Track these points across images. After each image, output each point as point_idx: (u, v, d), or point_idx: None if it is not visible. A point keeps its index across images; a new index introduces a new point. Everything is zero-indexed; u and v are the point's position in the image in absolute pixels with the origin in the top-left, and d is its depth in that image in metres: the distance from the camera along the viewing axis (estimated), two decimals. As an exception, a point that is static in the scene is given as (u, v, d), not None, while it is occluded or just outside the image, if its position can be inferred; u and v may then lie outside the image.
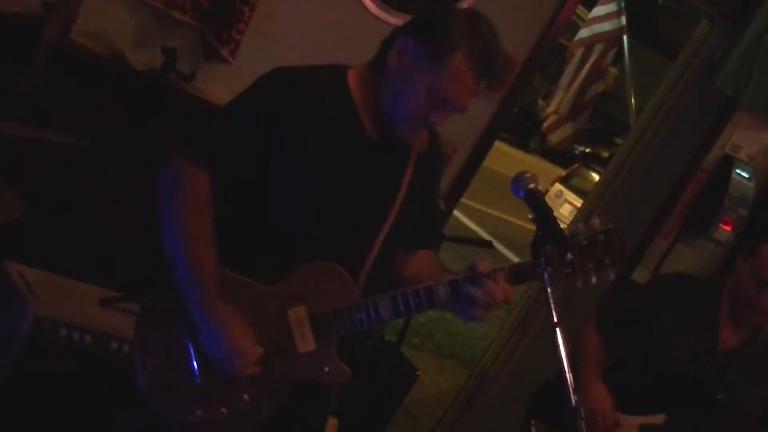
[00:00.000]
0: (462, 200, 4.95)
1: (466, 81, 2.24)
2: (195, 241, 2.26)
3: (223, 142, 2.30)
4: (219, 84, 3.65)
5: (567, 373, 2.08)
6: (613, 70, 12.30)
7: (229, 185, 2.34)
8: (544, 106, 7.97)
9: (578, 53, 7.52)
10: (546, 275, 2.18)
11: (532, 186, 2.25)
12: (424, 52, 2.25)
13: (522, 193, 2.25)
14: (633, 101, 8.70)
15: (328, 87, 2.34)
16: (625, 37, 7.78)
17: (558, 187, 15.26)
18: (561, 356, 2.08)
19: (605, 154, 19.48)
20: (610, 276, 2.31)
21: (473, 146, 4.43)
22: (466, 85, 2.25)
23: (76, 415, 3.15)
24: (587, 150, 20.83)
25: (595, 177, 13.79)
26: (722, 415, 3.30)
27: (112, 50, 3.51)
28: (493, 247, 5.49)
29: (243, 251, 2.35)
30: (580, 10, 10.96)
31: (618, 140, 18.75)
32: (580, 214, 5.71)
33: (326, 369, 2.35)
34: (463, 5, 3.94)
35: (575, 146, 20.54)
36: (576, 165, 16.33)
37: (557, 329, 2.10)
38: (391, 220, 2.40)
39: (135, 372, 2.35)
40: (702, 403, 3.30)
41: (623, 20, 7.31)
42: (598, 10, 7.40)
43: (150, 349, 2.36)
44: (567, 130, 7.50)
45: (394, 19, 3.80)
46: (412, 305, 2.29)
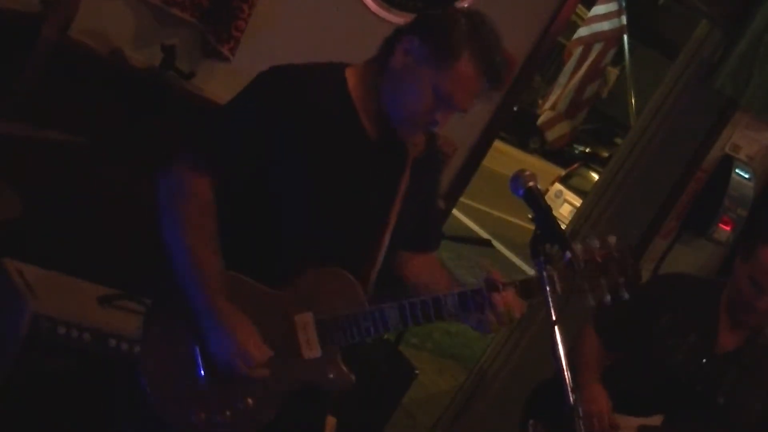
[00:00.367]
0: (462, 200, 4.95)
1: (471, 82, 2.25)
2: (198, 243, 2.25)
3: (223, 142, 2.30)
4: (218, 82, 3.64)
5: (565, 372, 2.08)
6: (613, 70, 12.27)
7: (230, 186, 2.33)
8: (542, 104, 7.95)
9: (577, 51, 7.50)
10: (545, 274, 2.17)
11: (531, 184, 2.25)
12: (430, 52, 2.25)
13: (521, 192, 2.25)
14: (633, 101, 8.69)
15: (326, 86, 2.34)
16: (625, 37, 7.76)
17: (558, 186, 15.26)
18: (559, 355, 2.08)
19: (605, 154, 19.49)
20: (624, 295, 2.31)
21: (473, 145, 4.43)
22: (471, 87, 2.26)
23: (75, 413, 3.14)
24: (587, 150, 20.84)
25: (595, 177, 13.78)
26: (720, 417, 3.29)
27: (111, 48, 3.50)
28: (492, 246, 5.48)
29: (246, 253, 2.34)
30: (579, 8, 10.94)
31: (618, 140, 18.74)
32: (579, 214, 5.70)
33: (330, 376, 2.35)
34: (464, 5, 3.94)
35: (575, 146, 20.58)
36: (576, 165, 16.33)
37: (556, 328, 2.10)
38: (393, 221, 2.39)
39: (139, 374, 2.35)
40: (700, 406, 3.29)
41: (623, 20, 7.29)
42: (598, 9, 7.38)
43: (155, 351, 2.36)
44: (564, 128, 7.48)
45: (394, 17, 3.80)
46: (419, 315, 2.29)
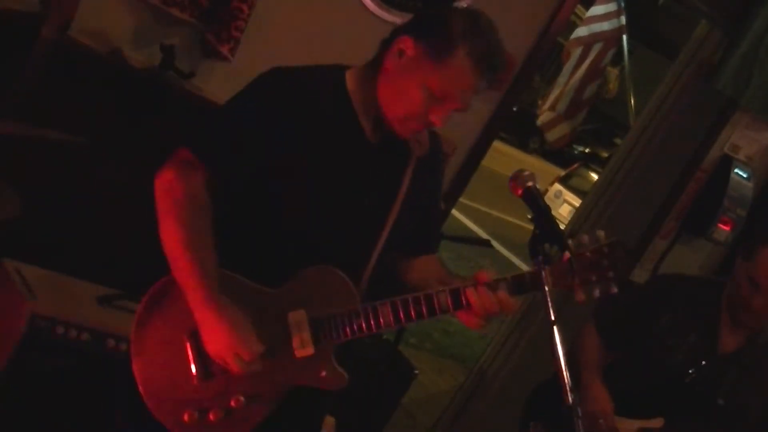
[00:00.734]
0: (462, 200, 4.95)
1: (466, 79, 2.24)
2: (195, 242, 2.24)
3: (221, 141, 2.30)
4: (218, 82, 3.65)
5: (564, 372, 2.08)
6: (613, 71, 12.27)
7: (229, 186, 2.33)
8: (542, 105, 7.95)
9: (576, 52, 7.49)
10: (543, 273, 2.18)
11: (530, 184, 2.25)
12: (424, 50, 2.25)
13: (520, 192, 2.26)
14: (632, 102, 8.68)
15: (326, 87, 2.34)
16: (624, 37, 7.75)
17: (557, 187, 15.26)
18: (558, 354, 2.08)
19: (605, 155, 19.50)
20: (613, 289, 2.30)
21: (472, 145, 4.44)
22: (466, 84, 2.25)
23: (73, 413, 3.15)
24: (587, 150, 20.85)
25: (595, 177, 13.79)
26: (721, 418, 3.29)
27: (110, 48, 3.50)
28: (492, 246, 5.48)
29: (244, 253, 2.34)
30: (578, 8, 10.94)
31: (617, 140, 18.75)
32: (579, 214, 5.70)
33: (323, 374, 2.35)
34: (463, 4, 3.94)
35: (575, 146, 20.58)
36: (575, 165, 16.34)
37: (555, 327, 2.10)
38: (390, 223, 2.39)
39: (131, 371, 2.35)
40: (700, 407, 3.29)
41: (623, 20, 7.28)
42: (597, 9, 7.36)
43: (147, 349, 2.35)
44: (564, 128, 7.47)
45: (393, 17, 3.80)
46: (412, 313, 2.28)
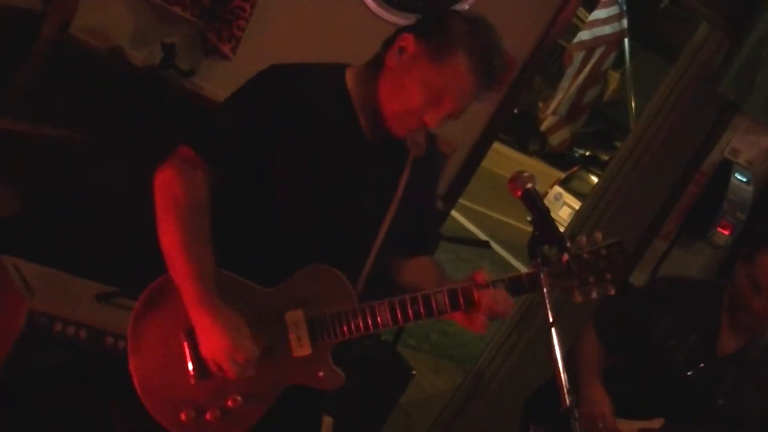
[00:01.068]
0: (461, 202, 4.96)
1: (464, 81, 2.25)
2: (192, 241, 2.24)
3: (221, 140, 2.30)
4: (218, 80, 3.65)
5: (561, 374, 2.08)
6: (614, 74, 12.26)
7: (228, 185, 2.33)
8: (544, 108, 7.96)
9: (579, 55, 7.51)
10: (542, 275, 2.18)
11: (529, 186, 2.25)
12: (424, 49, 2.26)
13: (519, 193, 2.26)
14: (633, 104, 8.69)
15: (326, 86, 2.35)
16: (626, 41, 7.76)
17: (557, 189, 15.25)
18: (556, 357, 2.08)
19: (605, 158, 19.47)
20: (611, 291, 2.31)
21: (472, 146, 4.44)
22: (463, 86, 2.26)
23: (70, 410, 3.14)
24: (587, 153, 20.83)
25: (595, 180, 13.79)
26: (721, 419, 3.29)
27: (111, 46, 3.50)
28: (490, 247, 5.49)
29: (241, 252, 2.34)
30: (580, 11, 10.94)
31: (618, 143, 18.73)
32: (578, 217, 5.71)
33: (321, 374, 2.35)
34: (464, 6, 3.95)
35: (575, 149, 20.56)
36: (575, 168, 16.33)
37: (553, 329, 2.10)
38: (388, 222, 2.39)
39: (128, 370, 2.34)
40: (700, 408, 3.29)
41: (624, 23, 7.30)
42: (599, 13, 7.38)
43: (144, 347, 2.35)
44: (565, 133, 7.50)
45: (394, 17, 3.81)
46: (409, 313, 2.28)
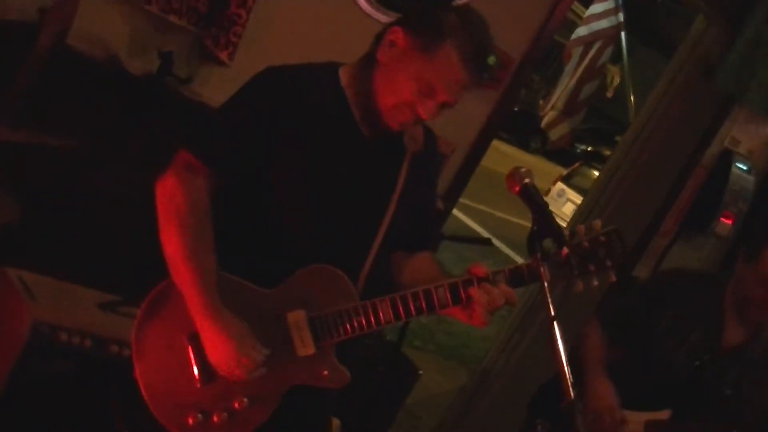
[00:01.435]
0: (464, 201, 4.97)
1: (454, 72, 2.26)
2: (196, 249, 2.26)
3: (220, 143, 2.31)
4: (216, 87, 3.65)
5: (564, 368, 2.08)
6: (613, 69, 12.26)
7: (227, 188, 2.34)
8: (544, 105, 7.98)
9: (577, 51, 7.52)
10: (543, 269, 2.18)
11: (527, 181, 2.25)
12: (413, 42, 2.27)
13: (517, 189, 2.26)
14: (632, 99, 8.69)
15: (320, 84, 2.36)
16: (623, 36, 7.77)
17: (560, 186, 15.24)
18: (558, 350, 2.08)
19: (607, 153, 19.48)
20: (611, 278, 2.29)
21: (471, 145, 4.45)
22: (453, 77, 2.27)
23: (76, 419, 3.14)
24: (589, 149, 20.84)
25: (597, 175, 13.76)
26: (727, 411, 3.29)
27: (108, 55, 3.51)
28: (492, 244, 5.49)
29: (241, 253, 2.35)
30: (578, 7, 10.94)
31: (619, 138, 18.72)
32: (580, 212, 5.70)
33: (325, 373, 2.35)
34: (458, 2, 3.95)
35: (577, 145, 20.57)
36: (577, 164, 16.33)
37: (555, 323, 2.10)
38: (388, 219, 2.39)
39: (134, 376, 2.36)
40: (706, 400, 3.29)
41: (620, 17, 7.30)
42: (595, 8, 7.38)
43: (149, 352, 2.36)
44: (564, 128, 7.51)
45: (388, 18, 3.80)
46: (411, 308, 2.29)
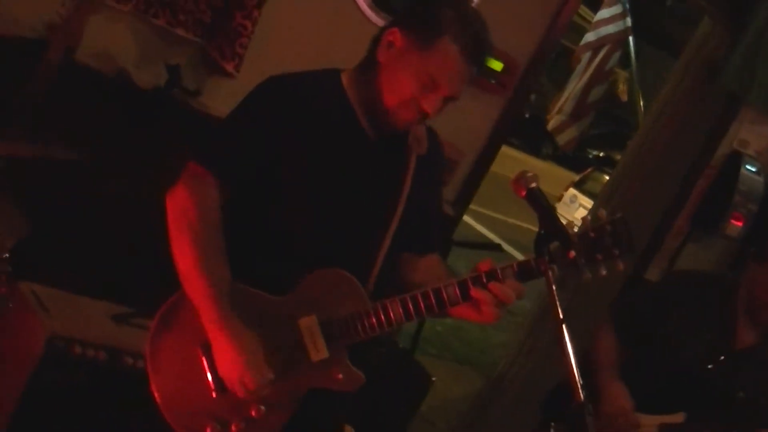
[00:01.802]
0: (475, 208, 4.98)
1: (454, 65, 2.28)
2: (208, 261, 2.26)
3: (228, 154, 2.33)
4: (224, 98, 3.67)
5: (574, 369, 2.09)
6: (623, 74, 12.25)
7: (237, 197, 2.35)
8: (550, 108, 7.98)
9: (585, 56, 7.52)
10: (550, 273, 2.19)
11: (533, 185, 2.25)
12: (411, 40, 2.30)
13: (523, 193, 2.26)
14: (641, 103, 8.67)
15: (324, 90, 2.38)
16: (631, 40, 7.76)
17: (572, 192, 15.18)
18: (568, 352, 2.09)
19: (618, 157, 19.39)
20: (619, 267, 2.28)
21: (480, 151, 4.45)
22: (453, 70, 2.28)
23: (92, 431, 3.16)
24: (600, 154, 20.76)
25: (610, 181, 13.68)
26: (741, 413, 3.27)
27: (116, 69, 3.54)
28: (502, 250, 5.48)
29: (252, 261, 2.36)
30: (586, 12, 10.93)
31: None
32: (590, 214, 5.69)
33: (339, 376, 2.36)
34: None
35: (588, 150, 20.49)
36: (589, 169, 16.27)
37: (563, 326, 2.11)
38: (396, 221, 2.40)
39: (149, 387, 2.36)
40: (720, 402, 3.28)
41: (628, 21, 7.30)
42: (603, 13, 7.39)
43: (164, 363, 2.37)
44: (572, 132, 7.50)
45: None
46: (422, 307, 2.29)
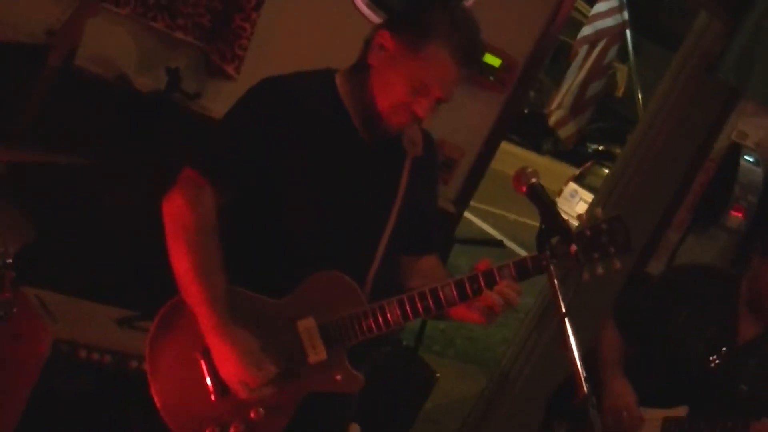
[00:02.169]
0: (477, 205, 4.99)
1: (445, 68, 2.27)
2: (204, 266, 2.27)
3: (221, 157, 2.33)
4: (225, 101, 3.61)
5: (577, 363, 2.10)
6: (621, 68, 12.23)
7: (233, 201, 2.35)
8: (548, 103, 7.97)
9: (582, 50, 7.52)
10: (552, 267, 2.20)
11: (533, 181, 2.26)
12: (402, 43, 2.29)
13: (524, 189, 2.27)
14: (640, 97, 8.66)
15: (317, 91, 2.38)
16: (629, 34, 7.75)
17: (572, 186, 15.17)
18: (571, 346, 2.10)
19: (618, 151, 19.37)
20: (616, 265, 2.30)
21: (480, 149, 4.46)
22: (446, 73, 2.28)
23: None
24: (600, 148, 20.75)
25: (610, 174, 13.67)
26: (744, 406, 3.28)
27: (116, 73, 3.55)
28: (504, 246, 5.47)
29: (249, 265, 2.36)
30: (583, 7, 10.92)
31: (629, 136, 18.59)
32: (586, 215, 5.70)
33: (338, 378, 2.36)
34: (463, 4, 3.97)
35: (588, 145, 20.49)
36: (589, 164, 16.26)
37: (566, 320, 2.12)
38: (392, 222, 2.41)
39: (150, 390, 2.38)
40: (723, 396, 3.29)
41: (625, 15, 7.29)
42: (600, 6, 7.38)
43: (163, 367, 2.39)
44: (571, 127, 7.50)
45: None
46: (419, 308, 2.30)
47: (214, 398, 2.32)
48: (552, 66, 14.43)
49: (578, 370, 2.09)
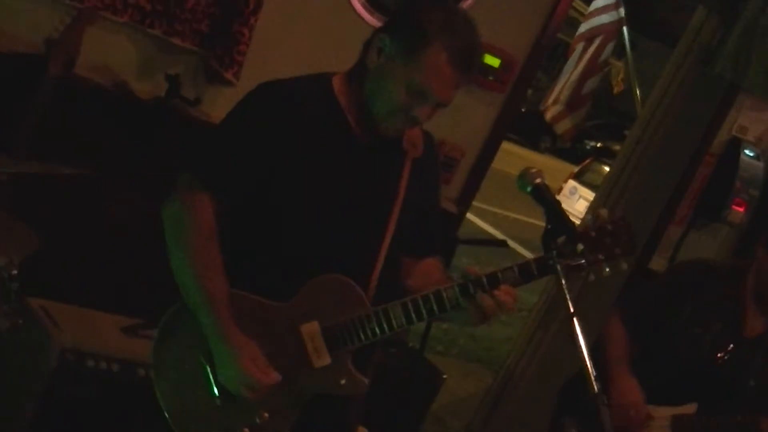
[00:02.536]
0: (478, 205, 4.98)
1: (443, 72, 2.25)
2: (205, 271, 2.28)
3: (219, 163, 2.33)
4: (225, 107, 3.59)
5: (587, 362, 2.10)
6: (618, 64, 12.23)
7: (232, 206, 2.35)
8: (545, 99, 7.96)
9: (579, 47, 7.51)
10: (559, 267, 2.19)
11: (538, 181, 2.27)
12: (400, 47, 2.27)
13: (529, 189, 2.28)
14: (638, 93, 8.65)
15: (314, 95, 2.37)
16: (626, 30, 7.74)
17: (572, 183, 15.20)
18: (580, 346, 2.10)
19: (617, 148, 19.41)
20: (623, 266, 2.30)
21: (480, 148, 4.46)
22: (443, 77, 2.26)
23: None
24: (598, 145, 20.79)
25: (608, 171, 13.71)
26: (753, 401, 3.28)
27: (116, 81, 3.55)
28: (507, 246, 5.48)
29: (251, 269, 2.36)
30: (580, 5, 10.92)
31: (628, 132, 18.63)
32: (592, 208, 5.70)
33: (342, 381, 2.36)
34: (463, 6, 3.96)
35: (586, 142, 20.54)
36: (588, 161, 16.29)
37: (574, 319, 2.12)
38: (393, 225, 2.40)
39: (156, 396, 2.39)
40: (732, 391, 3.29)
41: (621, 12, 7.28)
42: (597, 3, 7.38)
43: (168, 375, 2.39)
44: (567, 123, 7.51)
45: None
46: (422, 311, 2.29)
47: (218, 403, 2.33)
48: (549, 64, 14.45)
49: (588, 368, 2.09)
